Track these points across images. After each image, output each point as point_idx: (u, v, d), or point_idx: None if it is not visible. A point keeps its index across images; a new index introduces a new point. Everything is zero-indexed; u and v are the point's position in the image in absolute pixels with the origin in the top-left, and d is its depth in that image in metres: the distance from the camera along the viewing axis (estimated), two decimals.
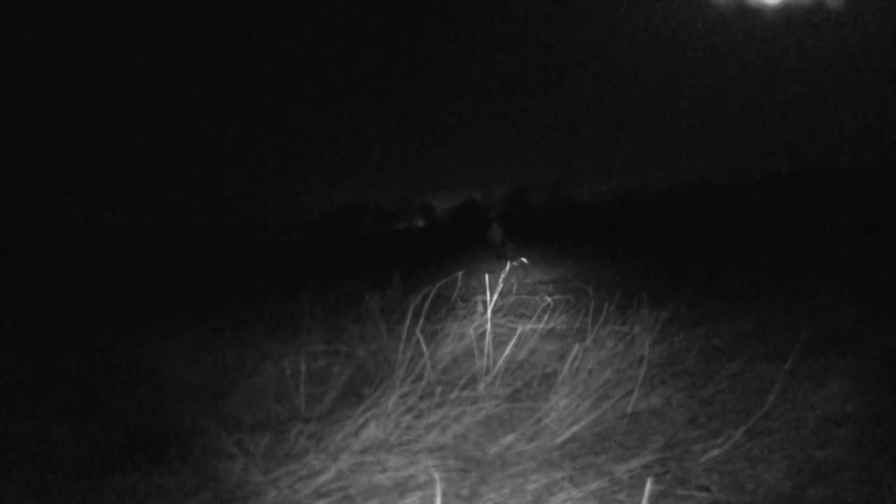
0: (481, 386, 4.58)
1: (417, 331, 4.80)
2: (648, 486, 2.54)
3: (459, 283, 6.51)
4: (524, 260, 7.97)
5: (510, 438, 3.80)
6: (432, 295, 5.41)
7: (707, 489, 3.15)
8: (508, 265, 6.32)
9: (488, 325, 5.11)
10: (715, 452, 3.47)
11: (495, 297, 5.28)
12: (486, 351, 4.93)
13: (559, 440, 3.77)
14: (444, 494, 3.15)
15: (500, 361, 4.79)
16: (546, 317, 5.66)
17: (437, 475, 3.12)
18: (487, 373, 4.74)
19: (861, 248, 11.23)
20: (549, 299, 5.99)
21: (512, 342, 4.98)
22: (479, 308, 5.74)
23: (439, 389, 4.28)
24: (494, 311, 5.37)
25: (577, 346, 4.68)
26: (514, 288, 7.02)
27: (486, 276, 5.76)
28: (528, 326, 5.41)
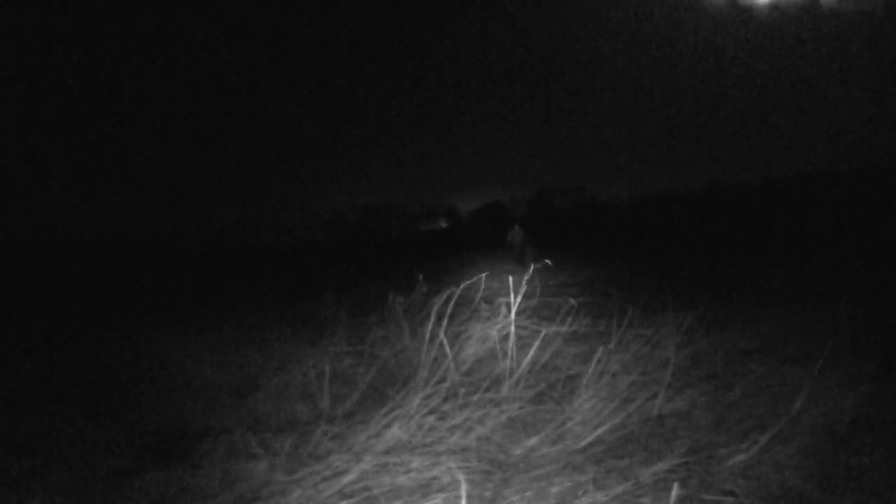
0: (505, 388, 4.58)
1: (441, 332, 4.81)
2: (674, 490, 2.52)
3: (483, 285, 6.51)
4: (548, 262, 7.94)
5: (534, 441, 3.79)
6: (456, 296, 5.42)
7: (733, 494, 3.11)
8: (532, 267, 6.29)
9: (512, 327, 5.11)
10: (741, 457, 3.43)
11: (519, 298, 5.27)
12: (509, 353, 4.93)
13: (583, 443, 3.75)
14: (467, 496, 3.16)
15: (524, 364, 4.78)
16: (570, 319, 5.64)
17: (461, 477, 3.12)
18: (511, 375, 4.74)
19: (893, 251, 11.01)
20: (572, 301, 5.96)
21: (536, 344, 4.97)
22: (503, 310, 5.73)
23: (463, 391, 4.28)
24: (518, 313, 5.36)
25: (601, 349, 4.65)
26: (538, 290, 7.00)
27: (510, 277, 5.75)
28: (552, 329, 5.39)
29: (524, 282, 5.54)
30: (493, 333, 5.38)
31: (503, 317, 5.61)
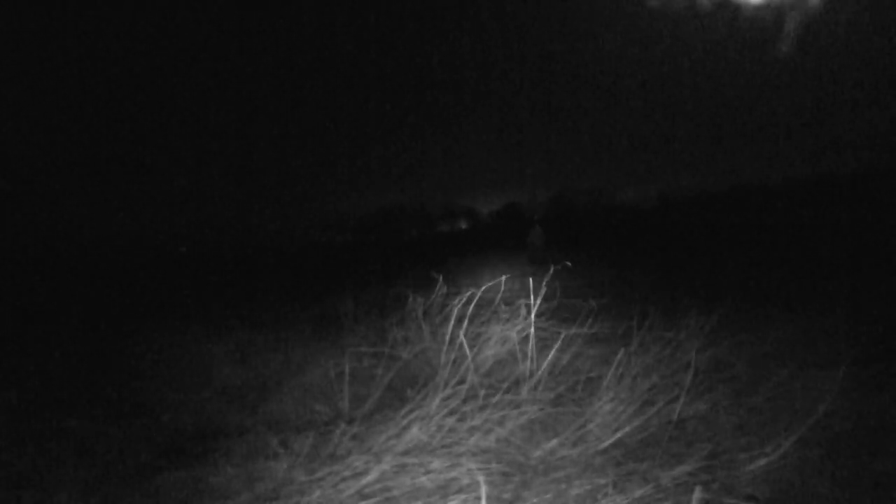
0: (524, 390, 4.57)
1: (461, 333, 4.81)
2: (696, 494, 2.50)
3: (503, 286, 6.51)
4: (568, 263, 7.90)
5: (553, 443, 3.78)
6: (476, 298, 5.42)
7: (755, 499, 3.08)
8: (552, 269, 6.27)
9: (532, 329, 5.10)
10: (763, 461, 3.39)
11: (539, 300, 5.26)
12: (529, 354, 4.92)
13: (603, 445, 3.74)
14: (486, 498, 3.15)
15: (544, 365, 4.77)
16: (590, 321, 5.61)
17: (481, 478, 3.12)
18: (531, 376, 4.73)
19: None
20: (593, 303, 5.93)
21: (556, 346, 4.96)
22: (523, 311, 5.72)
23: (482, 392, 4.28)
24: (538, 315, 5.35)
25: (621, 351, 4.63)
26: (558, 292, 6.97)
27: (530, 279, 5.74)
28: (572, 330, 5.37)
29: (544, 283, 5.52)
30: (513, 335, 5.37)
31: (523, 318, 5.60)
